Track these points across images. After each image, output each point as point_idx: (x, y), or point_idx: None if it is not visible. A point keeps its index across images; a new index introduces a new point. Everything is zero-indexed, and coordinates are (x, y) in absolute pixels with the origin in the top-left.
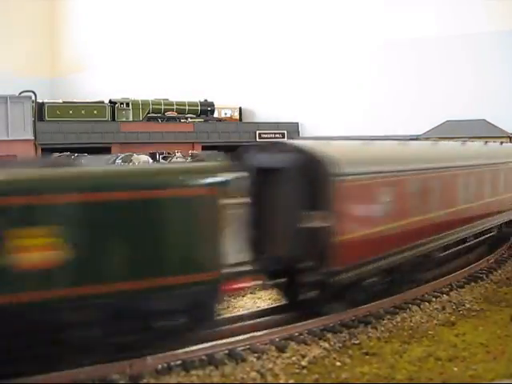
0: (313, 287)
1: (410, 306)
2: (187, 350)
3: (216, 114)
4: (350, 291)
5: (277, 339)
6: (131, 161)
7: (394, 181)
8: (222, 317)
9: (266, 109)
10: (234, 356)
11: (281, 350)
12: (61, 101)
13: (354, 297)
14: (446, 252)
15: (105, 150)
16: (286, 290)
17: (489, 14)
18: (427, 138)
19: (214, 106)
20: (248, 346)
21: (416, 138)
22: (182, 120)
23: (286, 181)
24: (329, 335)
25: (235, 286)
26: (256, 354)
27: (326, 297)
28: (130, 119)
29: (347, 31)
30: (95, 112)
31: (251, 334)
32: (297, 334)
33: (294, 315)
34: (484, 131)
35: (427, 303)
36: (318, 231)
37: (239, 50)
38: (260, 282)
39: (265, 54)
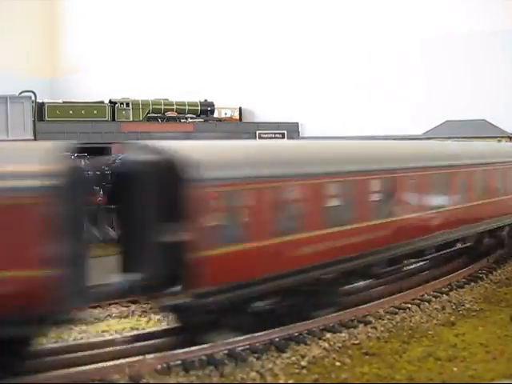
0: (177, 311)
1: (410, 306)
2: (187, 350)
3: (216, 114)
4: (229, 317)
5: (276, 339)
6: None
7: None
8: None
9: (266, 109)
10: (233, 356)
11: (280, 350)
12: (61, 101)
13: (237, 323)
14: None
15: (105, 149)
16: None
17: (490, 14)
18: (428, 138)
19: (213, 106)
20: (248, 346)
21: (416, 139)
22: (182, 120)
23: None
24: (328, 335)
25: None
26: (256, 355)
27: (199, 323)
28: (130, 119)
29: (346, 31)
30: (95, 112)
31: (251, 335)
32: (296, 334)
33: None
34: (484, 131)
35: (427, 303)
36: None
37: (239, 50)
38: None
39: (265, 55)
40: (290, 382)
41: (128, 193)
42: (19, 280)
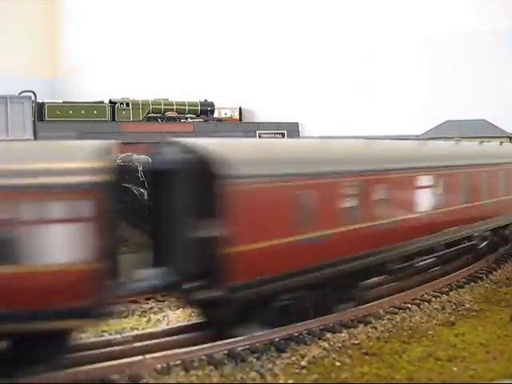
0: (210, 305)
1: (410, 306)
2: (187, 350)
3: (216, 114)
4: (258, 311)
5: (276, 339)
6: (131, 161)
7: (311, 184)
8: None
9: (266, 109)
10: (233, 356)
11: (280, 350)
12: (61, 101)
13: (264, 317)
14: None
15: None
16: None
17: (490, 14)
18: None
19: (213, 106)
20: (248, 346)
21: (417, 138)
22: (182, 120)
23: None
24: (328, 335)
25: None
26: (255, 354)
27: (230, 317)
28: (130, 119)
29: (346, 31)
30: (95, 112)
31: (250, 334)
32: (296, 334)
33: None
34: (484, 131)
35: (427, 303)
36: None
37: (239, 50)
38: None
39: (264, 55)
40: (290, 381)
41: (162, 190)
42: (64, 273)
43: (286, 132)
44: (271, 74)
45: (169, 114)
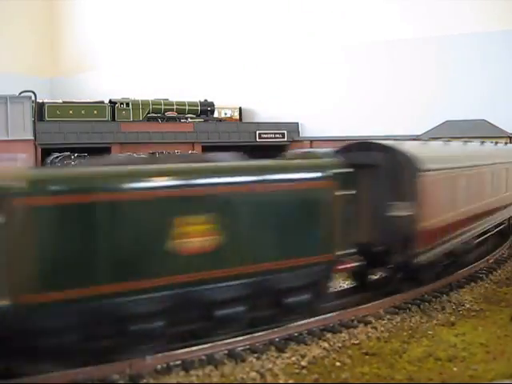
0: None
1: (410, 306)
2: (187, 350)
3: (216, 114)
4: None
5: (276, 339)
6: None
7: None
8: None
9: (266, 109)
10: (233, 356)
11: (280, 350)
12: (61, 101)
13: (425, 277)
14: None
15: (105, 150)
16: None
17: (489, 14)
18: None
19: (213, 106)
20: (248, 346)
21: (416, 138)
22: (182, 120)
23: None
24: (328, 335)
25: (343, 267)
26: (256, 354)
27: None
28: (130, 119)
29: (346, 31)
30: (95, 112)
31: (251, 335)
32: (296, 334)
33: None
34: (484, 131)
35: (427, 303)
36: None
37: (239, 50)
38: (361, 263)
39: (264, 55)
40: (290, 382)
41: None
42: None
43: (285, 132)
44: (271, 73)
45: (169, 114)
